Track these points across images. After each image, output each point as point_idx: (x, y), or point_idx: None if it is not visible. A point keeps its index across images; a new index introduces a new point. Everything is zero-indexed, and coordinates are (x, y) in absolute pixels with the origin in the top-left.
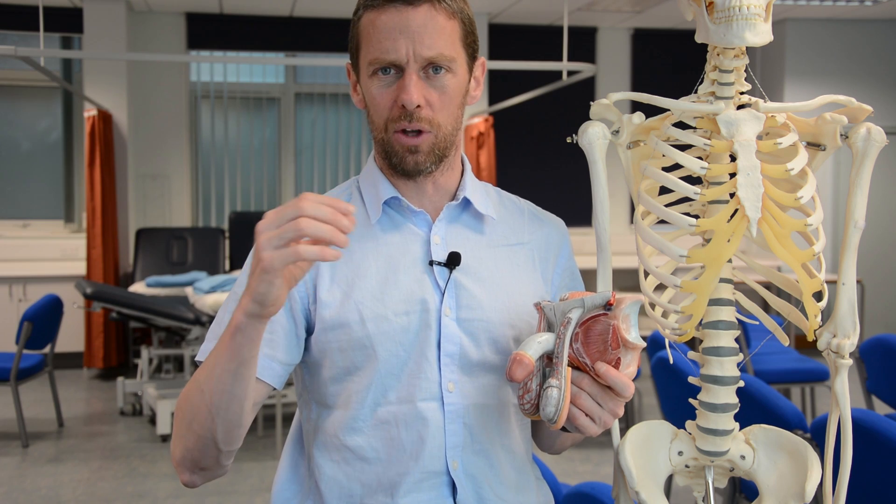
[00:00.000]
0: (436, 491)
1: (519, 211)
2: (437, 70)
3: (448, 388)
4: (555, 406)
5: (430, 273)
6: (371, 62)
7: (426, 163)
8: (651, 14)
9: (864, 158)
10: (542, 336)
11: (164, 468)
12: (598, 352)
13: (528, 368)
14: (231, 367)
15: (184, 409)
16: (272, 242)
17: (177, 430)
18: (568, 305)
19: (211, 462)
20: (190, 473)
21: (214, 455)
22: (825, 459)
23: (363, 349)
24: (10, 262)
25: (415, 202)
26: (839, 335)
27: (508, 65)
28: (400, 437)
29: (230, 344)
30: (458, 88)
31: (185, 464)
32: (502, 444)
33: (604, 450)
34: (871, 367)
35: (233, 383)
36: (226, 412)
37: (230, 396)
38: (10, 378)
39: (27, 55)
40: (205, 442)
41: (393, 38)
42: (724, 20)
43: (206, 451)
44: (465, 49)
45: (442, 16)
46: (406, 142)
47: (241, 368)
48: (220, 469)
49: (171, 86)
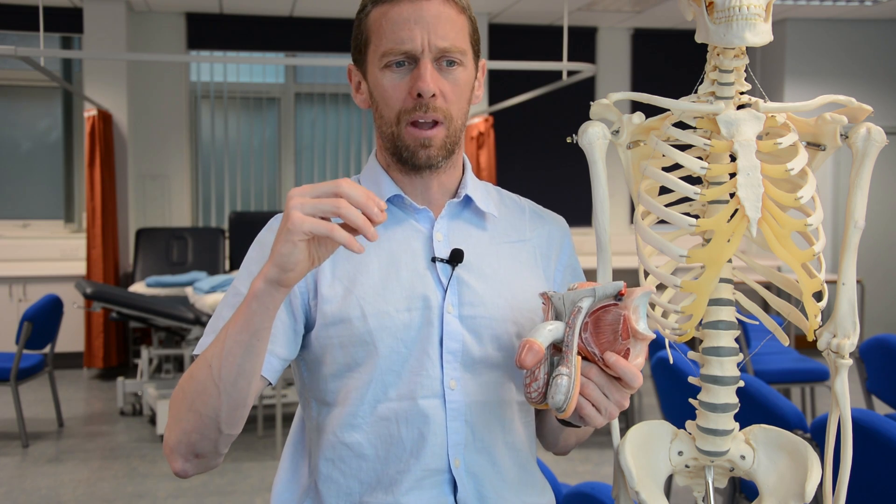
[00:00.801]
0: (437, 489)
1: (520, 209)
2: (451, 63)
3: (450, 385)
4: (564, 394)
5: (433, 270)
6: (385, 54)
7: (438, 157)
8: (651, 14)
9: (864, 158)
10: (552, 324)
11: (165, 468)
12: (608, 342)
13: (539, 355)
14: (243, 338)
15: (185, 389)
16: (305, 208)
17: (174, 414)
18: (578, 294)
19: (208, 447)
20: (183, 461)
21: (214, 438)
22: (825, 459)
23: (364, 345)
24: (10, 262)
25: (417, 200)
26: (839, 335)
27: (508, 65)
28: (400, 434)
29: (245, 312)
30: (468, 83)
31: (179, 450)
32: (505, 441)
33: (604, 450)
34: (871, 367)
35: (243, 356)
36: (233, 387)
37: (239, 371)
38: (10, 378)
39: (27, 55)
40: (206, 422)
41: (408, 28)
42: (724, 20)
43: (206, 433)
44: (472, 46)
45: (454, 9)
46: (419, 135)
47: (253, 340)
48: (215, 457)
49: (171, 86)
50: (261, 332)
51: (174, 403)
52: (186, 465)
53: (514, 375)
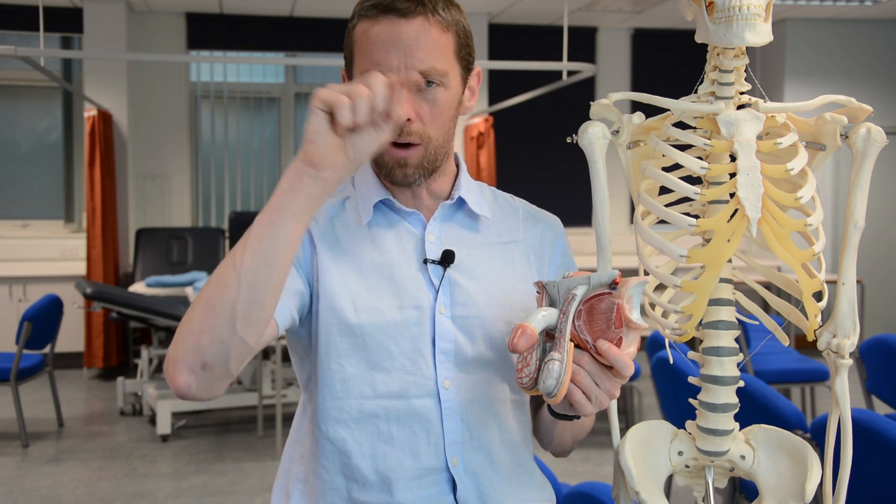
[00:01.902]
0: (436, 487)
1: (513, 209)
2: (429, 84)
3: (444, 384)
4: (556, 379)
5: (425, 271)
6: (363, 73)
7: (415, 175)
8: (651, 14)
9: (864, 158)
10: (545, 310)
11: (165, 468)
12: (600, 330)
13: (532, 340)
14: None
15: (201, 293)
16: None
17: (184, 327)
18: (573, 282)
19: (219, 355)
20: (189, 372)
21: (227, 340)
22: (825, 459)
23: (352, 337)
24: (10, 262)
25: (408, 204)
26: (839, 335)
27: (508, 65)
28: (390, 432)
29: (274, 197)
30: (450, 101)
31: (186, 359)
32: (501, 439)
33: (604, 450)
34: (871, 367)
35: (267, 240)
36: (254, 277)
37: (262, 258)
38: (10, 378)
39: (27, 55)
40: (220, 318)
41: (385, 50)
42: (724, 20)
43: (219, 333)
44: (459, 62)
45: (436, 29)
46: (396, 154)
47: (278, 221)
48: (224, 375)
49: (171, 86)
50: (286, 213)
51: (184, 321)
52: (191, 377)
53: (507, 374)
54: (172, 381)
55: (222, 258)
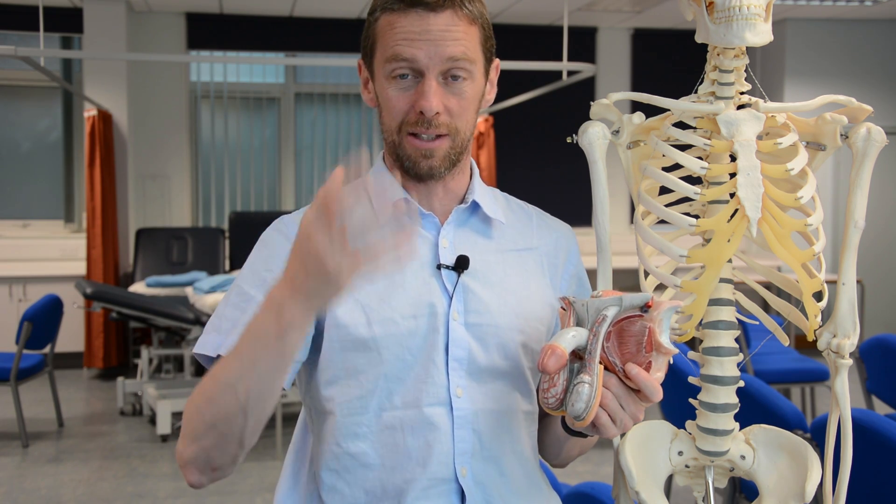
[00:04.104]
0: (444, 498)
1: (527, 216)
2: (456, 77)
3: (456, 393)
4: (585, 402)
5: (438, 277)
6: (389, 66)
7: (440, 167)
8: (651, 14)
9: (864, 158)
10: (575, 330)
11: (164, 468)
12: (630, 353)
13: (562, 361)
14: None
15: (203, 410)
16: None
17: (192, 431)
18: (603, 303)
19: (227, 460)
20: (199, 474)
21: (234, 453)
22: (825, 459)
23: (367, 351)
24: (10, 262)
25: (424, 205)
26: (839, 335)
27: (508, 65)
28: (406, 443)
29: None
30: (475, 94)
31: (196, 464)
32: (513, 450)
33: (604, 450)
34: (871, 367)
35: (272, 380)
36: (261, 411)
37: (269, 395)
38: (10, 378)
39: (27, 55)
40: (228, 440)
41: (415, 42)
42: (724, 20)
43: (227, 450)
44: (484, 54)
45: (464, 22)
46: (420, 145)
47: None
48: (232, 467)
49: (171, 86)
50: (295, 353)
51: (189, 419)
52: (202, 477)
53: (519, 385)
54: (186, 478)
55: (222, 258)
